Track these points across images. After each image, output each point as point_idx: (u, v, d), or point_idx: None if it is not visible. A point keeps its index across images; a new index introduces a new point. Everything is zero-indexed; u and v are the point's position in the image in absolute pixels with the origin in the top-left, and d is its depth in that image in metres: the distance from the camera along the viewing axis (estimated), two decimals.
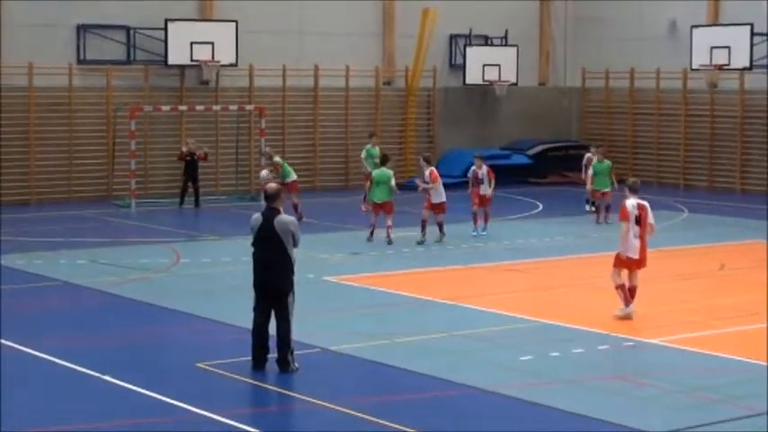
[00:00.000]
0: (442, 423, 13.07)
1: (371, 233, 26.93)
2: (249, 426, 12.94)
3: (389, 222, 26.60)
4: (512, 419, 13.45)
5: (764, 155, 38.90)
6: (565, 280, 22.72)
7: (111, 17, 35.61)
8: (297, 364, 15.06)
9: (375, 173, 27.43)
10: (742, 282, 22.65)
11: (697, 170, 40.52)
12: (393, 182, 27.00)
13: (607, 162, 31.79)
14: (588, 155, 33.37)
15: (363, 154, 33.99)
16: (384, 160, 28.01)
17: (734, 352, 16.45)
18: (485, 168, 28.88)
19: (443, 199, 27.23)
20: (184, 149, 33.89)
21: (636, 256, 18.88)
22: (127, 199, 33.85)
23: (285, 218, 15.11)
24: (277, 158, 30.90)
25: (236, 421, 12.96)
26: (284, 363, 15.00)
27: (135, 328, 18.48)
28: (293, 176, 30.42)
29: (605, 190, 31.01)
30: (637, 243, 18.86)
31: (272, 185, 15.71)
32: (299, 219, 27.87)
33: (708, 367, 15.73)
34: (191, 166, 33.80)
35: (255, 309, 15.31)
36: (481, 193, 28.41)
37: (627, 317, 18.52)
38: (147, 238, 27.74)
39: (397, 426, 12.80)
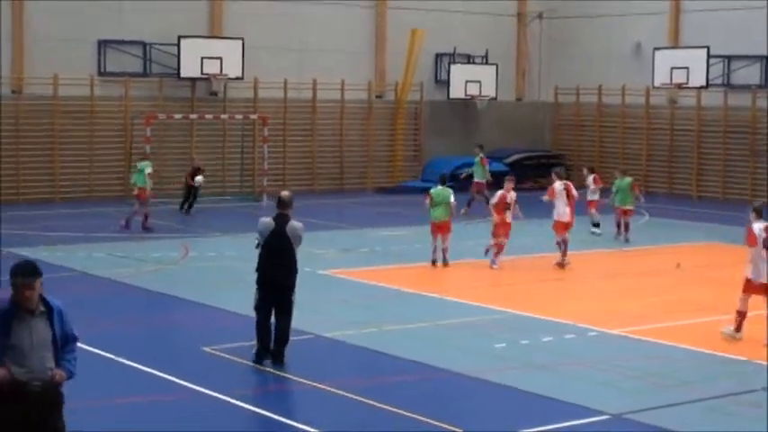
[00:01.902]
0: (425, 403, 13.12)
1: (435, 258, 23.28)
2: (249, 404, 13.01)
3: (447, 244, 23.33)
4: (487, 400, 13.51)
5: (719, 165, 39.02)
6: (537, 275, 22.78)
7: (130, 33, 35.62)
8: (287, 357, 14.69)
9: (434, 192, 23.41)
10: (696, 279, 22.73)
11: (658, 178, 40.59)
12: (453, 200, 23.43)
13: (628, 178, 28.83)
14: (593, 175, 30.06)
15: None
16: (444, 180, 24.18)
17: (686, 342, 16.52)
18: (514, 194, 23.86)
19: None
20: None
21: None
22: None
23: (296, 224, 14.79)
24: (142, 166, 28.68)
25: (238, 400, 13.02)
26: (279, 355, 14.65)
27: (147, 314, 18.53)
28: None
29: (627, 207, 28.06)
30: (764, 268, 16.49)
31: (286, 193, 15.22)
32: (148, 229, 27.54)
33: (663, 355, 15.79)
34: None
35: (259, 308, 14.84)
36: (507, 220, 23.55)
37: (731, 338, 16.63)
38: (159, 234, 27.75)
39: (384, 406, 12.86)
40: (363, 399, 13.13)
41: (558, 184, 24.35)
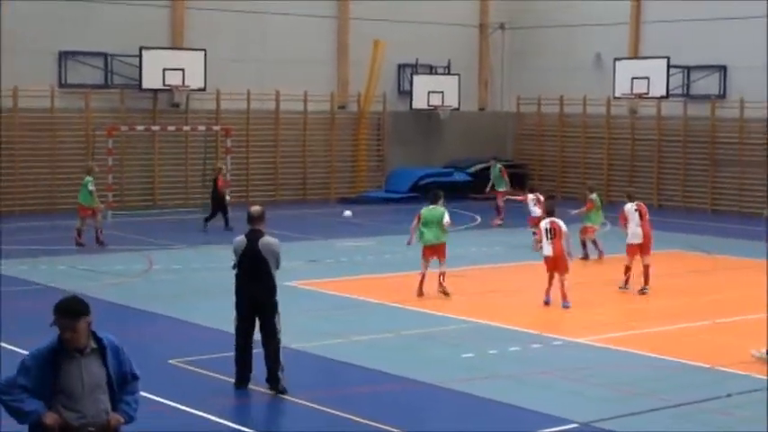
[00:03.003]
0: (393, 414, 13.10)
1: (421, 286, 20.99)
2: (216, 416, 12.94)
3: (444, 268, 21.13)
4: (454, 410, 13.51)
5: (679, 174, 39.29)
6: (502, 285, 22.83)
7: (91, 44, 35.42)
8: (286, 383, 13.91)
9: (424, 212, 21.10)
10: (659, 287, 22.81)
11: (619, 188, 40.68)
12: (447, 219, 21.03)
13: (594, 195, 27.32)
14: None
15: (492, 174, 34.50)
16: (435, 198, 21.48)
17: (651, 350, 16.61)
18: (550, 221, 20.75)
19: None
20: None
21: None
22: (104, 210, 33.60)
23: (269, 239, 14.03)
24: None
25: (205, 412, 12.95)
26: (275, 380, 13.91)
27: (112, 328, 18.22)
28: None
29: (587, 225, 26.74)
30: None
31: (257, 208, 14.29)
32: (101, 244, 27.04)
33: (628, 363, 15.87)
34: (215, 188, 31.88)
35: (237, 330, 14.17)
36: (545, 253, 20.64)
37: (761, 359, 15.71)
38: (122, 246, 27.59)
39: (351, 416, 12.84)
40: (330, 410, 13.09)
41: (630, 205, 22.59)
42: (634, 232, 22.35)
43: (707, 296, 21.58)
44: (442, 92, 41.39)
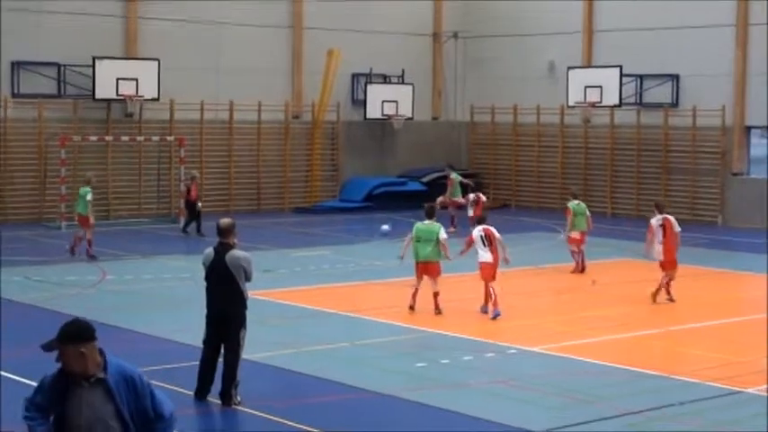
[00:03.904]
0: (345, 424, 13.13)
1: (414, 299, 20.50)
2: None
3: (437, 288, 20.45)
4: (409, 420, 13.57)
5: (632, 182, 39.61)
6: (457, 293, 22.89)
7: (43, 54, 35.23)
8: (240, 398, 13.83)
9: (419, 226, 20.63)
10: (611, 296, 23.01)
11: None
12: (443, 235, 20.48)
13: (575, 202, 26.77)
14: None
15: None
16: (431, 213, 20.96)
17: (604, 358, 16.74)
18: (483, 228, 20.85)
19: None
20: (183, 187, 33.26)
21: None
22: (57, 221, 33.45)
23: (237, 253, 13.87)
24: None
25: None
26: (227, 397, 13.80)
27: None
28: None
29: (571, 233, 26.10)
30: None
31: (226, 220, 14.22)
32: (92, 257, 26.92)
33: (581, 371, 15.98)
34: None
35: (205, 342, 14.08)
36: (482, 260, 20.74)
37: None
38: (75, 257, 27.42)
39: (303, 426, 12.85)
40: (284, 420, 13.10)
41: (655, 220, 22.05)
42: (658, 250, 22.01)
43: (659, 304, 21.74)
44: (396, 101, 41.49)
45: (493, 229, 20.78)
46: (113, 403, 6.75)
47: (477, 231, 20.75)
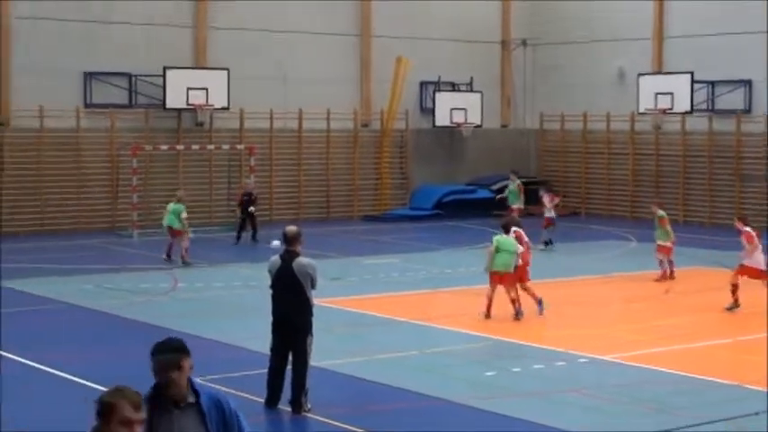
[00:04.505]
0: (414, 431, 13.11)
1: (489, 309, 20.56)
2: None
3: (513, 294, 20.74)
4: (479, 428, 13.50)
5: (704, 190, 39.17)
6: (527, 303, 22.74)
7: (115, 65, 35.66)
8: (310, 405, 13.84)
9: (499, 239, 20.93)
10: (683, 304, 22.75)
11: (644, 203, 40.55)
12: (520, 248, 20.88)
13: (661, 212, 26.40)
14: (549, 194, 30.08)
15: (507, 191, 34.19)
16: (508, 228, 21.32)
17: (676, 367, 16.54)
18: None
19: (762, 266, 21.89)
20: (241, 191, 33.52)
21: None
22: (129, 229, 33.80)
23: (304, 260, 13.89)
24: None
25: None
26: (297, 405, 13.79)
27: (137, 346, 18.39)
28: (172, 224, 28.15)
29: (663, 243, 25.74)
30: None
31: (292, 228, 14.13)
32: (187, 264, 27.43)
33: (654, 381, 15.80)
34: (247, 205, 32.61)
35: (272, 350, 14.10)
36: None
37: None
38: (147, 265, 27.70)
39: None
40: (354, 428, 13.09)
41: (750, 229, 22.07)
42: (758, 259, 21.85)
43: (731, 313, 21.43)
44: (465, 109, 41.43)
45: (522, 232, 21.16)
46: (205, 429, 6.48)
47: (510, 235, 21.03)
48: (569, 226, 32.90)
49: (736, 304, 21.37)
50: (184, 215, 27.85)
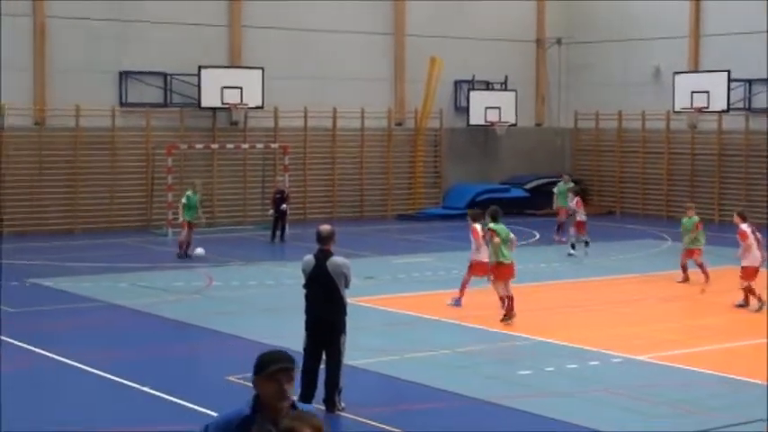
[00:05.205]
0: (448, 431, 13.09)
1: (510, 314, 20.05)
2: None
3: (510, 291, 20.42)
4: (514, 427, 13.47)
5: (740, 189, 38.91)
6: (561, 301, 22.73)
7: (150, 64, 35.83)
8: (343, 404, 13.87)
9: (497, 227, 20.41)
10: (719, 304, 22.61)
11: (679, 203, 40.35)
12: (512, 235, 20.65)
13: (695, 217, 25.80)
14: (576, 198, 29.55)
15: (556, 190, 33.64)
16: (496, 215, 20.81)
17: (711, 367, 16.46)
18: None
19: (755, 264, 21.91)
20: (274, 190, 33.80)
21: None
22: (164, 228, 33.96)
23: (338, 260, 13.90)
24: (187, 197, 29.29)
25: None
26: (331, 404, 13.80)
27: (171, 344, 18.56)
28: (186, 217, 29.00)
29: (695, 248, 25.16)
30: None
31: (326, 227, 14.12)
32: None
33: (689, 381, 15.73)
34: (280, 204, 32.72)
35: (306, 349, 13.98)
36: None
37: None
38: (181, 263, 27.82)
39: None
40: (388, 426, 13.10)
41: (746, 225, 22.27)
42: (756, 255, 21.90)
43: (760, 313, 21.27)
44: (499, 108, 41.35)
45: (478, 228, 21.48)
46: None
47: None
48: (604, 225, 32.81)
49: (761, 302, 21.27)
50: (184, 201, 28.98)
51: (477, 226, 21.57)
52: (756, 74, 37.94)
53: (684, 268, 25.11)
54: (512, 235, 20.68)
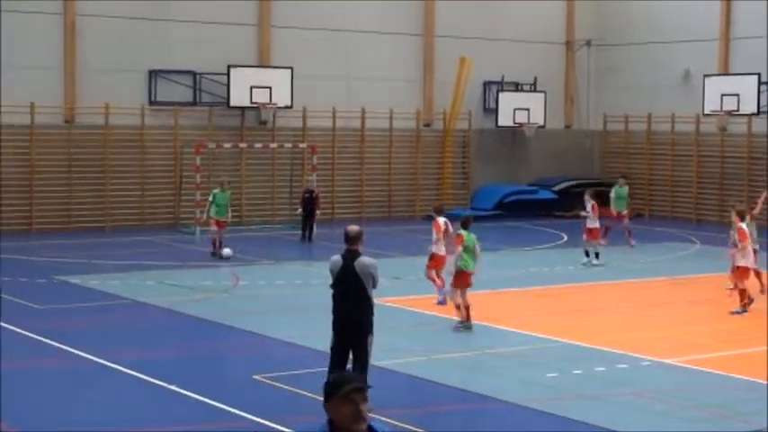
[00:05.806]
0: None
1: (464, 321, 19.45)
2: None
3: (467, 301, 19.72)
4: (538, 430, 13.37)
5: None
6: (589, 304, 22.60)
7: (180, 63, 35.89)
8: (370, 404, 13.98)
9: (469, 238, 19.91)
10: (749, 307, 22.41)
11: (708, 206, 40.24)
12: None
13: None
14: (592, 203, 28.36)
15: (612, 194, 32.62)
16: (467, 222, 20.33)
17: (740, 372, 16.30)
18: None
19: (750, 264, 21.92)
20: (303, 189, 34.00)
21: None
22: (192, 227, 33.99)
23: (365, 260, 13.77)
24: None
25: (289, 428, 12.95)
26: None
27: (198, 342, 18.54)
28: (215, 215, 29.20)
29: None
30: None
31: (354, 228, 13.96)
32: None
33: (718, 385, 15.59)
34: (308, 203, 32.90)
35: (333, 349, 13.92)
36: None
37: None
38: (210, 262, 27.83)
39: None
40: (414, 428, 13.02)
41: (745, 225, 22.18)
42: (750, 257, 21.85)
43: None
44: (528, 109, 41.21)
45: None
46: None
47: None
48: (633, 228, 32.60)
49: (745, 306, 21.28)
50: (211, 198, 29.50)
51: (440, 219, 22.51)
52: None
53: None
54: (478, 246, 20.06)
